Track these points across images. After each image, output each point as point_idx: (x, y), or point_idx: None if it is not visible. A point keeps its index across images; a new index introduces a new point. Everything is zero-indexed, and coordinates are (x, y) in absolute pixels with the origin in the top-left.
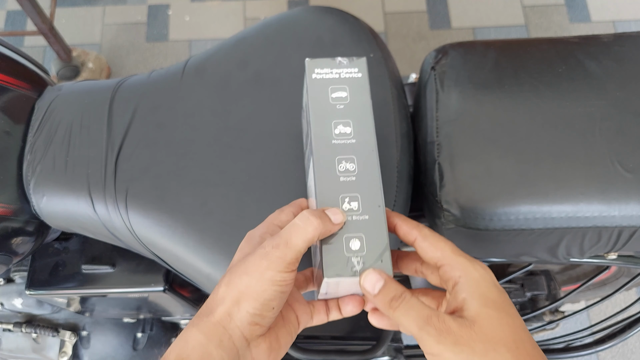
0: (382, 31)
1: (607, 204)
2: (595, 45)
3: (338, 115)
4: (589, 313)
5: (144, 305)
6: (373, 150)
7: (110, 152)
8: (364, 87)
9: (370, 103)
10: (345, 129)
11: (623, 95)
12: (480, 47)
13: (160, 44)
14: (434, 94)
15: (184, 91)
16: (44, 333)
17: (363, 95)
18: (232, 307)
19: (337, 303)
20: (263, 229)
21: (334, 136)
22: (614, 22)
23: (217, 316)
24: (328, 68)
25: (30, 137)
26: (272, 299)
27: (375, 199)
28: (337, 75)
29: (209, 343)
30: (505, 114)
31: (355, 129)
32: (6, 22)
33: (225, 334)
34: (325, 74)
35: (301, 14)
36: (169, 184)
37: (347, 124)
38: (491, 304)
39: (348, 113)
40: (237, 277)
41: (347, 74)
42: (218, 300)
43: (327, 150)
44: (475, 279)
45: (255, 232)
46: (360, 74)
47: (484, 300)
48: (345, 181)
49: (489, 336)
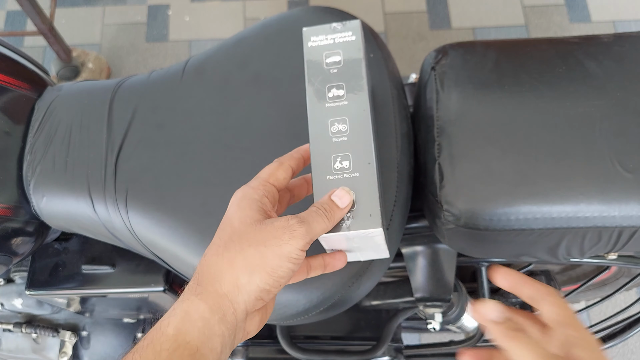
0: (382, 31)
1: (607, 204)
2: (595, 45)
3: (332, 79)
4: (589, 313)
5: (144, 305)
6: (365, 110)
7: (110, 153)
8: (358, 48)
9: (363, 64)
10: (338, 92)
11: (623, 95)
12: (480, 48)
13: (160, 44)
14: (434, 94)
15: (184, 91)
16: (44, 333)
17: (356, 57)
18: (242, 279)
19: (321, 260)
20: (260, 190)
21: (327, 99)
22: (614, 22)
23: (224, 287)
24: (323, 35)
25: (30, 138)
26: (284, 276)
27: (366, 157)
28: (331, 41)
29: (212, 317)
30: (505, 114)
31: (348, 91)
32: (6, 23)
33: (230, 308)
34: (321, 41)
35: (301, 14)
36: (169, 184)
37: (340, 87)
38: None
39: (341, 76)
40: (252, 246)
41: (341, 39)
42: (224, 267)
43: (321, 114)
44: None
45: (253, 194)
46: (354, 36)
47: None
48: (338, 142)
49: None
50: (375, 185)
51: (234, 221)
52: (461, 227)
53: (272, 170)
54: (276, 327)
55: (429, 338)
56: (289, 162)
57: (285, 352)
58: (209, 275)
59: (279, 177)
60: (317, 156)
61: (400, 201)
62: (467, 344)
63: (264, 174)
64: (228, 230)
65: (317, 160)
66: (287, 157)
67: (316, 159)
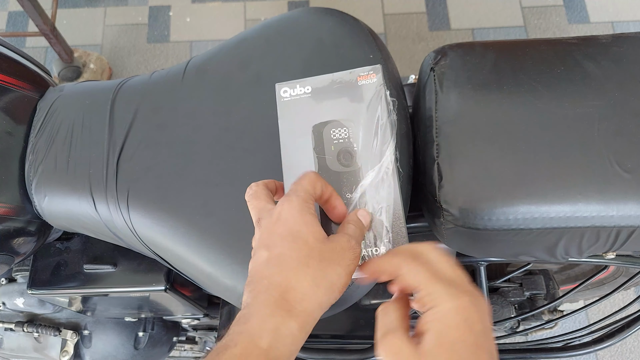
0: (382, 32)
1: (606, 204)
2: (593, 46)
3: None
4: (587, 312)
5: (145, 304)
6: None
7: (111, 153)
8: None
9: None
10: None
11: (621, 96)
12: (479, 48)
13: (161, 45)
14: (433, 94)
15: (185, 92)
16: (46, 332)
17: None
18: (323, 299)
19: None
20: (312, 203)
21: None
22: (612, 22)
23: (310, 306)
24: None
25: (32, 138)
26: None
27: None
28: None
29: (299, 334)
30: (504, 114)
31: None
32: (8, 23)
33: (311, 324)
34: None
35: (301, 15)
36: (170, 184)
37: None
38: (447, 344)
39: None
40: (330, 266)
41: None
42: (308, 286)
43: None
44: (443, 312)
45: (311, 208)
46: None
47: (441, 339)
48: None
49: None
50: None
51: (308, 237)
52: (460, 227)
53: (314, 181)
54: None
55: None
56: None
57: None
58: (295, 292)
59: (318, 191)
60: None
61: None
62: None
63: (307, 184)
64: (303, 246)
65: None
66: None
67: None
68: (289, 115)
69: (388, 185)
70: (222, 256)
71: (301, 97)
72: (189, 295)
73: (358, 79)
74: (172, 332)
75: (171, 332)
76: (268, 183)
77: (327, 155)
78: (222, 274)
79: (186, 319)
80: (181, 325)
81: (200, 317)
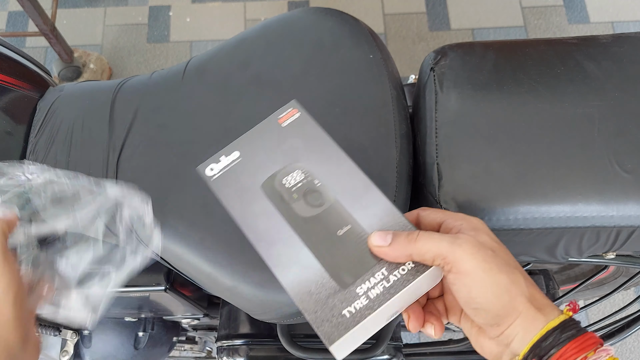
0: (382, 32)
1: (606, 204)
2: (594, 46)
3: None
4: (587, 312)
5: (145, 304)
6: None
7: (111, 153)
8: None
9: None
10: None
11: (622, 96)
12: (479, 49)
13: (161, 45)
14: (433, 95)
15: (185, 92)
16: (46, 332)
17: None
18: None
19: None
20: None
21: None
22: (612, 23)
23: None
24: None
25: (32, 138)
26: None
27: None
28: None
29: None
30: (504, 115)
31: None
32: (8, 23)
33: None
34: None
35: (301, 16)
36: (171, 184)
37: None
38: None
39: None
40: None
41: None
42: None
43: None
44: (474, 224)
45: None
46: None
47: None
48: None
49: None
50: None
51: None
52: None
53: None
54: (277, 326)
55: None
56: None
57: (286, 351)
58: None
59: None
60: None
61: (400, 201)
62: (467, 343)
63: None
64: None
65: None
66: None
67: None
68: (229, 191)
69: (373, 196)
70: (222, 256)
71: (232, 166)
72: (189, 295)
73: (280, 122)
74: (172, 332)
75: (171, 332)
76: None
77: (294, 205)
78: (222, 274)
79: (186, 319)
80: (181, 325)
81: (200, 317)
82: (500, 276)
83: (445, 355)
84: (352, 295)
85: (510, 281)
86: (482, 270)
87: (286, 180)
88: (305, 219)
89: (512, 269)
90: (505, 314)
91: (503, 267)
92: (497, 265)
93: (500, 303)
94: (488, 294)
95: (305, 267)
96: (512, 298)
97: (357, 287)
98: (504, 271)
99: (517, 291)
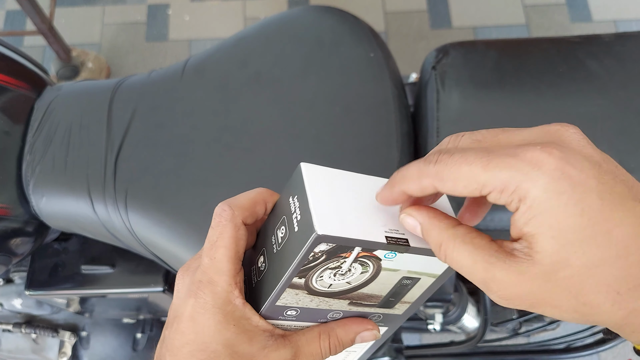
0: (383, 31)
1: None
2: (596, 44)
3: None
4: None
5: (143, 305)
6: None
7: (109, 152)
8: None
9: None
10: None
11: (625, 95)
12: (481, 47)
13: (160, 43)
14: (434, 93)
15: (184, 91)
16: (44, 334)
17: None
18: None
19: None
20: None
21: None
22: (615, 21)
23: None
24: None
25: (29, 137)
26: None
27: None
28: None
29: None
30: (506, 113)
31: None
32: (5, 22)
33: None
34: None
35: (301, 14)
36: (169, 184)
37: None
38: (567, 242)
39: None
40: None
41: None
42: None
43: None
44: (542, 199)
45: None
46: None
47: (557, 237)
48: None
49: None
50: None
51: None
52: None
53: (234, 251)
54: None
55: (430, 338)
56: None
57: None
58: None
59: (241, 250)
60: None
61: None
62: (468, 345)
63: (226, 261)
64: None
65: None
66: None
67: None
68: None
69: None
70: None
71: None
72: None
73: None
74: None
75: None
76: (243, 203)
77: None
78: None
79: None
80: None
81: None
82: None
83: (447, 357)
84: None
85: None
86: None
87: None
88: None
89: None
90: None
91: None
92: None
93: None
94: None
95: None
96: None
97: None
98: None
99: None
